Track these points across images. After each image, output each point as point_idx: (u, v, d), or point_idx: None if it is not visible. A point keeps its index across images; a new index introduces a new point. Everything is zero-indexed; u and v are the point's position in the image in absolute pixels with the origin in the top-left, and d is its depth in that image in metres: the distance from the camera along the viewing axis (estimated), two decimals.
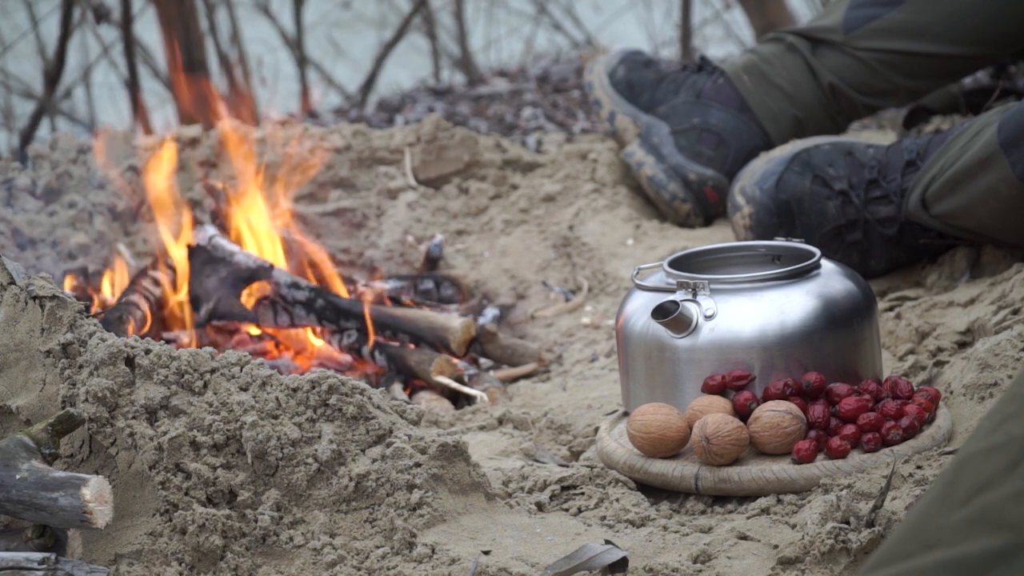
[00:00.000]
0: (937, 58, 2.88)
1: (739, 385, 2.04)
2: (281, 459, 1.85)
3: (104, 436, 1.85)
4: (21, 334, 1.92)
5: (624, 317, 2.13)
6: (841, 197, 2.59)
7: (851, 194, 2.58)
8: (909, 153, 2.56)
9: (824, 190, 2.60)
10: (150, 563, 1.80)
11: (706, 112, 3.00)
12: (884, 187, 2.57)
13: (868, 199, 2.58)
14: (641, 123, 3.06)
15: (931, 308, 2.44)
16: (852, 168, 2.60)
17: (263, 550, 1.83)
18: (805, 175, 2.62)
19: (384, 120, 4.25)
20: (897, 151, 2.58)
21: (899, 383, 2.07)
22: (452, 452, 1.90)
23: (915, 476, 1.93)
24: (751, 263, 2.22)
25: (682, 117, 3.02)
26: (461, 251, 3.04)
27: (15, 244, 2.96)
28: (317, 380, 1.89)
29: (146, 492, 1.84)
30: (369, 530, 1.85)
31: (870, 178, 2.58)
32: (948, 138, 2.52)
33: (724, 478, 1.98)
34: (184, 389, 1.87)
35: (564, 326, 2.79)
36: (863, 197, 2.58)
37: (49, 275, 1.98)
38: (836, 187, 2.60)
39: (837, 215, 2.59)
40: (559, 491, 2.01)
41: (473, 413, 2.42)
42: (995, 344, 2.13)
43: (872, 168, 2.58)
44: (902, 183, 2.55)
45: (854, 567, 1.74)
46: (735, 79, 3.00)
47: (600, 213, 3.02)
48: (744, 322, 2.06)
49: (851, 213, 2.59)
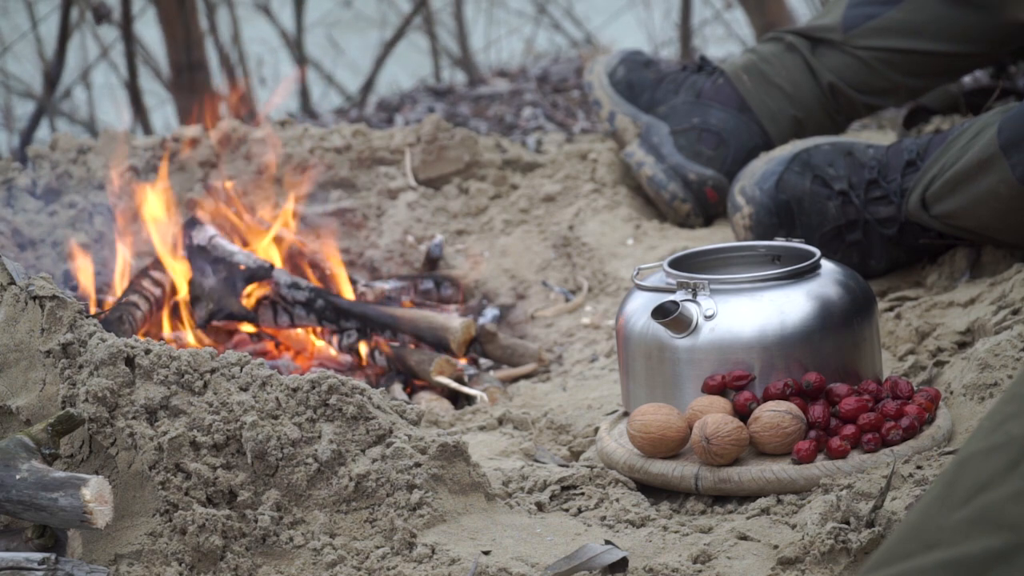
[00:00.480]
0: (935, 56, 2.89)
1: (739, 385, 2.04)
2: (281, 459, 1.85)
3: (104, 436, 1.85)
4: (21, 334, 1.92)
5: (624, 317, 2.13)
6: (841, 197, 2.59)
7: (851, 194, 2.58)
8: (909, 153, 2.56)
9: (824, 190, 2.60)
10: (150, 563, 1.80)
11: (706, 112, 3.00)
12: (884, 187, 2.57)
13: (868, 199, 2.58)
14: (641, 123, 3.06)
15: (931, 308, 2.44)
16: (852, 168, 2.60)
17: (263, 550, 1.83)
18: (805, 175, 2.62)
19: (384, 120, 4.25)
20: (897, 151, 2.58)
21: (899, 383, 2.07)
22: (452, 452, 1.90)
23: (915, 476, 1.93)
24: (751, 263, 2.22)
25: (682, 117, 3.02)
26: (461, 251, 3.04)
27: (15, 244, 2.95)
28: (317, 380, 1.89)
29: (146, 492, 1.84)
30: (369, 530, 1.85)
31: (870, 178, 2.58)
32: (948, 138, 2.52)
33: (724, 478, 1.98)
34: (184, 389, 1.87)
35: (564, 326, 2.79)
36: (863, 197, 2.58)
37: (49, 275, 1.98)
38: (836, 187, 2.60)
39: (837, 215, 2.59)
40: (559, 491, 2.01)
41: (473, 413, 2.42)
42: (995, 344, 2.13)
43: (872, 168, 2.58)
44: (902, 183, 2.55)
45: (854, 567, 1.74)
46: (735, 79, 3.00)
47: (600, 213, 3.02)
48: (744, 322, 2.06)
49: (851, 213, 2.59)
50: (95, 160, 3.12)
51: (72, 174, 3.10)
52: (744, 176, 2.70)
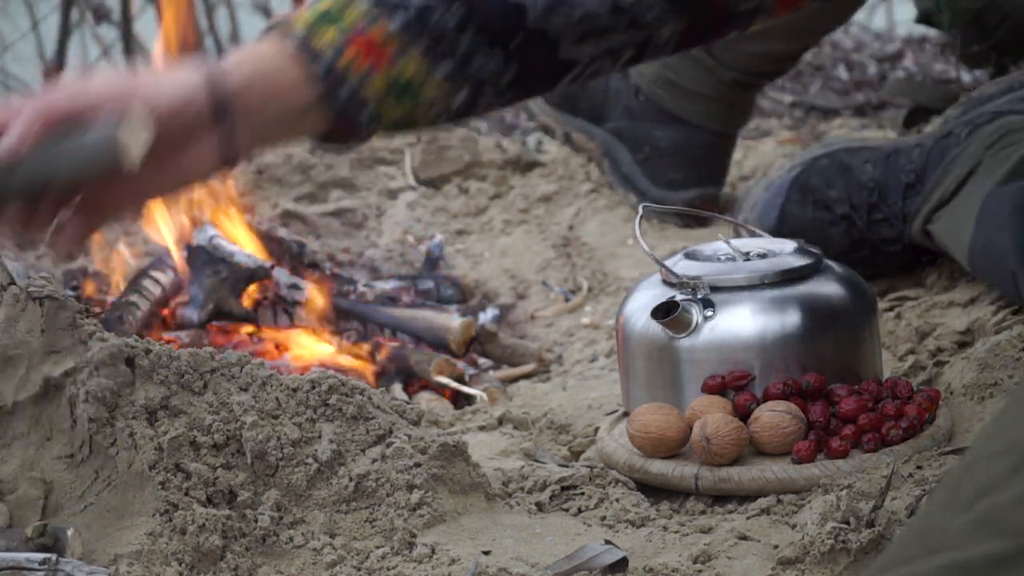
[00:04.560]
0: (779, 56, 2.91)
1: (739, 385, 2.04)
2: (281, 459, 1.85)
3: (104, 436, 1.85)
4: (21, 334, 1.92)
5: (624, 317, 2.13)
6: (844, 222, 2.57)
7: (853, 216, 2.57)
8: (907, 175, 2.54)
9: (826, 215, 2.58)
10: (150, 563, 1.80)
11: (649, 133, 2.99)
12: (885, 211, 2.55)
13: (871, 221, 2.56)
14: (598, 141, 3.06)
15: (931, 308, 2.44)
16: (852, 188, 2.58)
17: (263, 550, 1.83)
18: (806, 203, 2.60)
19: None
20: (895, 170, 2.56)
21: (899, 383, 2.07)
22: (452, 452, 1.90)
23: (915, 476, 1.93)
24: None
25: (633, 143, 3.02)
26: (461, 251, 3.04)
27: (15, 244, 2.95)
28: (317, 380, 1.89)
29: (146, 492, 1.84)
30: (369, 530, 1.85)
31: (871, 201, 2.56)
32: (945, 160, 2.49)
33: (724, 478, 1.98)
34: (184, 389, 1.87)
35: (564, 326, 2.79)
36: (866, 219, 2.56)
37: (49, 275, 1.98)
38: (838, 211, 2.57)
39: (842, 240, 2.57)
40: (559, 491, 2.01)
41: (473, 413, 2.42)
42: (995, 344, 2.13)
43: (871, 190, 2.56)
44: (903, 207, 2.53)
45: (854, 567, 1.74)
46: (653, 96, 3.00)
47: (600, 213, 3.02)
48: (744, 322, 2.06)
49: (855, 235, 2.57)
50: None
51: None
52: (745, 208, 2.68)
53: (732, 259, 2.14)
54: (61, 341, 1.91)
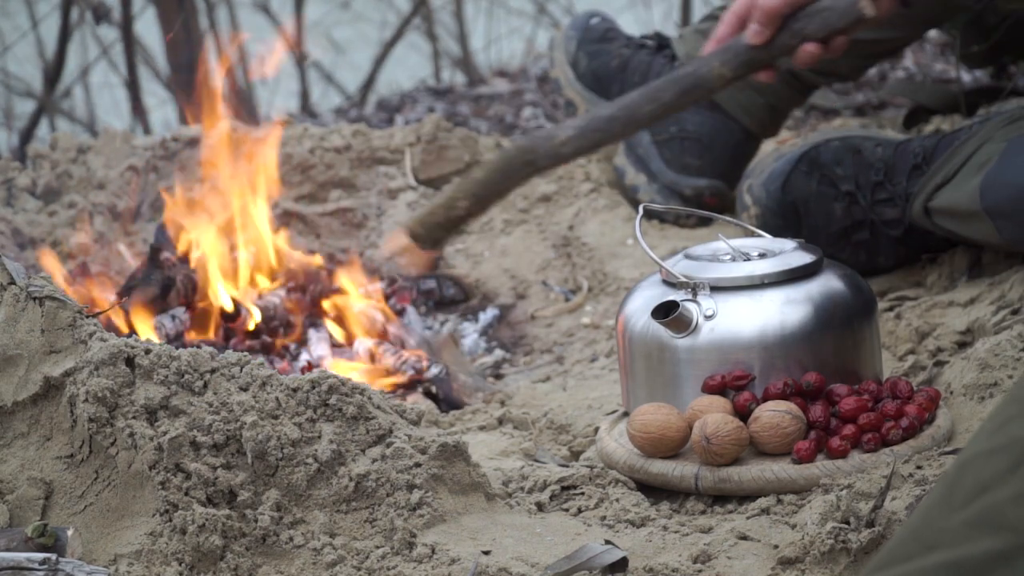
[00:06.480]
0: (878, 42, 2.88)
1: (739, 385, 2.04)
2: (281, 459, 1.85)
3: (104, 436, 1.85)
4: (21, 334, 1.92)
5: (624, 317, 2.13)
6: (847, 198, 2.59)
7: (857, 195, 2.58)
8: (915, 157, 2.55)
9: (831, 190, 2.60)
10: (150, 563, 1.80)
11: (680, 117, 2.97)
12: (890, 190, 2.56)
13: (875, 200, 2.57)
14: None
15: (931, 308, 2.44)
16: (860, 168, 2.59)
17: (263, 550, 1.83)
18: (812, 176, 2.61)
19: (384, 120, 4.25)
20: (905, 153, 2.57)
21: (899, 383, 2.07)
22: (452, 452, 1.90)
23: (915, 476, 1.93)
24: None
25: (659, 123, 3.00)
26: (461, 251, 3.04)
27: (15, 244, 2.95)
28: (317, 380, 1.89)
29: (146, 492, 1.84)
30: (369, 530, 1.85)
31: (876, 180, 2.57)
32: (955, 143, 2.51)
33: (724, 478, 1.98)
34: (184, 389, 1.87)
35: (564, 326, 2.79)
36: (869, 198, 2.57)
37: (49, 275, 1.98)
38: (843, 188, 2.59)
39: (843, 216, 2.59)
40: (559, 491, 2.01)
41: (473, 413, 2.42)
42: (995, 344, 2.13)
43: (879, 170, 2.58)
44: (907, 187, 2.55)
45: (854, 567, 1.74)
46: None
47: (600, 213, 3.02)
48: (744, 322, 2.06)
49: (857, 214, 2.58)
50: (95, 160, 3.12)
51: (72, 174, 3.10)
52: (753, 174, 2.70)
53: (732, 259, 2.14)
54: (61, 341, 1.91)
